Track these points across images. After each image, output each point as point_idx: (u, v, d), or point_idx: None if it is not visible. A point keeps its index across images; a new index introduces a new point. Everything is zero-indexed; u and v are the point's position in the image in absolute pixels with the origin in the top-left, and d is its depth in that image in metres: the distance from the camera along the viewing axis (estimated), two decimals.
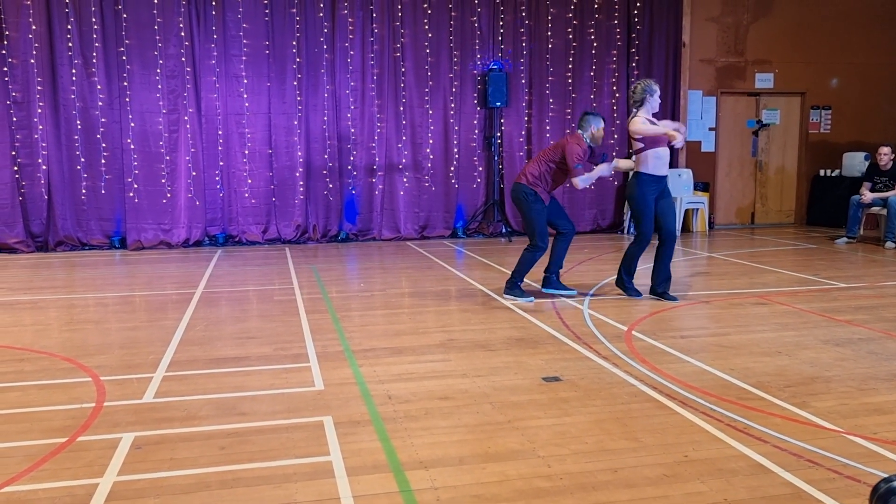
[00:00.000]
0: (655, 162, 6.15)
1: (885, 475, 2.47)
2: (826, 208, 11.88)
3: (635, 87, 6.28)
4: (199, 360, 4.60)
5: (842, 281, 7.19)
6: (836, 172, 11.93)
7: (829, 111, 12.27)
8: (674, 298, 6.26)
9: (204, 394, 3.95)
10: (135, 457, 3.12)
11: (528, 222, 6.43)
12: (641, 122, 6.10)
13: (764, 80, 12.01)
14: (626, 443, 3.29)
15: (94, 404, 3.75)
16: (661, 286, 6.32)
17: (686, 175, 11.43)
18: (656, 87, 6.25)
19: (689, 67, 11.63)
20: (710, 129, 11.91)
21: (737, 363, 4.47)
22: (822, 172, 12.13)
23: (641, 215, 6.22)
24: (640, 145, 6.17)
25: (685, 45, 11.58)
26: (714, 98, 11.85)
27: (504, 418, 3.60)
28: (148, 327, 5.50)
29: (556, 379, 4.20)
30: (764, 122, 12.19)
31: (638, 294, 6.39)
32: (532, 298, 6.32)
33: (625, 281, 6.44)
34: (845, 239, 9.98)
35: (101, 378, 4.19)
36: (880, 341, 4.94)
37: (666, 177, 6.27)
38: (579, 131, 6.41)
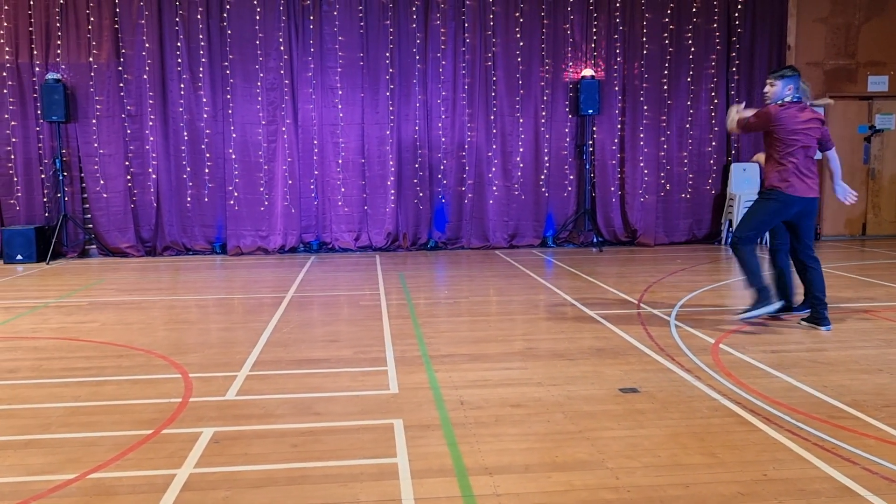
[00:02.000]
0: None
1: None
2: None
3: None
4: (282, 361, 4.75)
5: None
6: None
7: None
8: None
9: (283, 393, 4.07)
10: (212, 450, 3.26)
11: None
12: None
13: (877, 83, 11.30)
14: (702, 458, 3.16)
15: (180, 399, 3.94)
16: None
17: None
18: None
19: None
20: None
21: (831, 380, 4.21)
22: None
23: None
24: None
25: (790, 47, 11.06)
26: (822, 103, 11.21)
27: (575, 428, 3.53)
28: (239, 328, 5.74)
29: (634, 391, 4.09)
30: (877, 128, 11.46)
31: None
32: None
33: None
34: None
35: (190, 375, 4.41)
36: None
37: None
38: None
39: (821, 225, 11.40)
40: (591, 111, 10.51)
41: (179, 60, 10.01)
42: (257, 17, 10.06)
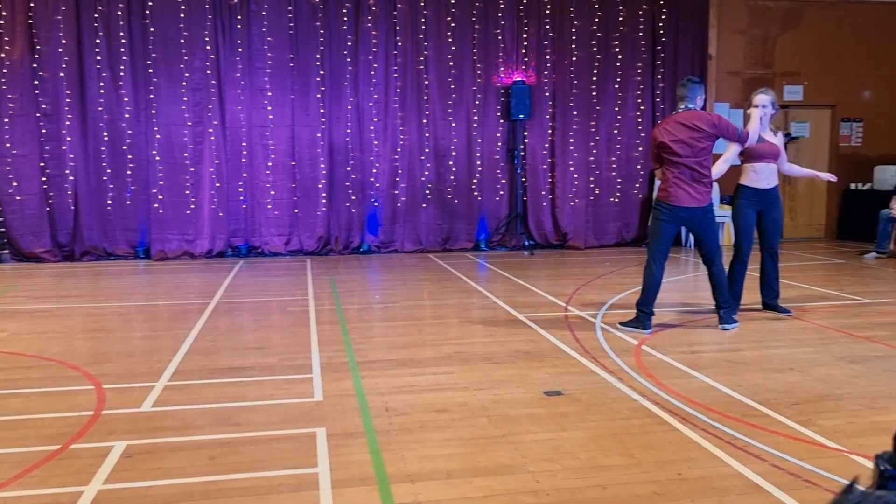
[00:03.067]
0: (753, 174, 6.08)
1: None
2: (857, 223, 11.58)
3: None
4: (204, 370, 4.62)
5: (866, 297, 6.98)
6: (868, 186, 11.65)
7: (861, 124, 11.99)
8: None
9: (202, 403, 3.96)
10: (124, 465, 3.13)
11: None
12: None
13: (793, 93, 11.79)
14: (621, 459, 3.21)
15: (92, 412, 3.79)
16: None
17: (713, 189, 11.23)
18: (755, 97, 6.06)
19: (715, 80, 11.48)
20: None
21: (746, 379, 4.35)
22: (852, 186, 11.85)
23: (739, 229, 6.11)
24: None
25: (711, 57, 11.43)
26: (741, 111, 11.63)
27: (499, 432, 3.54)
28: (160, 336, 5.56)
29: (558, 393, 4.14)
30: (793, 136, 11.94)
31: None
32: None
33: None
34: (874, 254, 9.71)
35: (104, 386, 4.24)
36: None
37: (768, 190, 6.10)
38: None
39: None
40: (522, 116, 10.63)
41: (99, 58, 9.65)
42: (182, 16, 9.79)
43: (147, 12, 9.71)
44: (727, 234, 11.51)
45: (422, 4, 10.47)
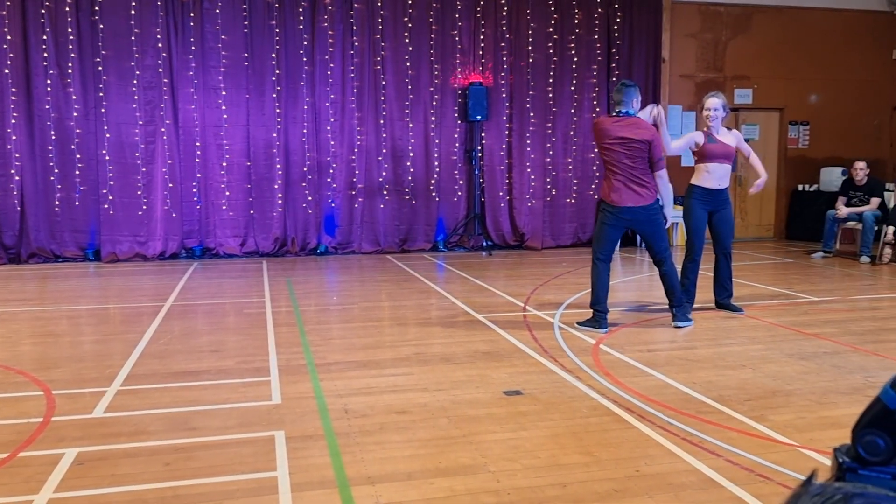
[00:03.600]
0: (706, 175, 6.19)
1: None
2: (805, 223, 11.92)
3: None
4: (157, 374, 4.52)
5: (814, 295, 7.19)
6: (815, 187, 11.99)
7: (808, 127, 12.35)
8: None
9: (157, 408, 3.88)
10: (75, 472, 3.05)
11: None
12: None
13: (743, 96, 12.08)
14: (580, 457, 3.25)
15: (41, 419, 3.68)
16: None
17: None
18: (706, 100, 6.17)
19: (668, 83, 11.69)
20: None
21: (700, 376, 4.44)
22: (800, 187, 12.19)
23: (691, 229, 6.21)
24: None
25: (665, 60, 11.64)
26: (694, 113, 11.89)
27: (459, 433, 3.55)
28: (111, 340, 5.42)
29: (518, 393, 4.16)
30: (744, 138, 12.23)
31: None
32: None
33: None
34: (821, 253, 10.01)
35: (53, 392, 4.12)
36: (845, 355, 4.92)
37: (719, 190, 6.21)
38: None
39: None
40: (479, 117, 10.67)
41: (46, 55, 9.37)
42: (132, 13, 9.57)
43: (96, 9, 9.46)
44: (680, 233, 11.73)
45: (379, 5, 10.43)
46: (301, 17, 10.18)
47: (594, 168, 11.50)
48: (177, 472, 3.07)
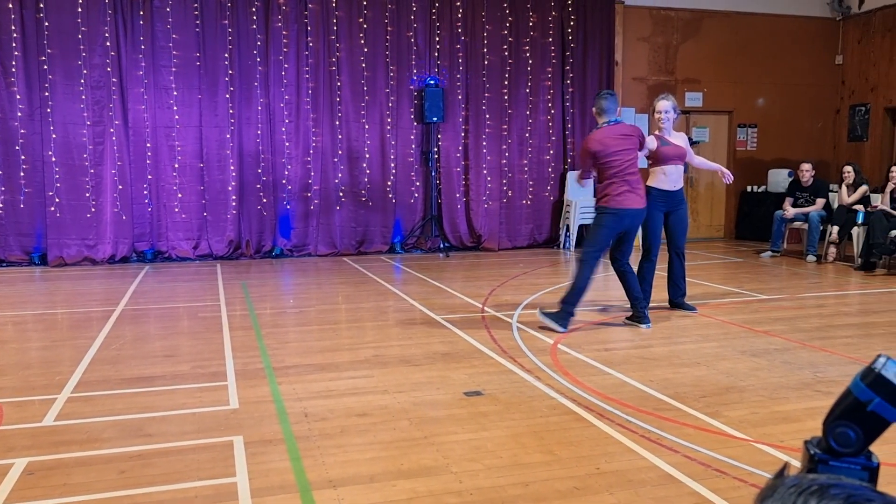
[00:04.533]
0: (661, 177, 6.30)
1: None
2: (753, 223, 12.24)
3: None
4: (111, 380, 4.41)
5: (764, 293, 7.38)
6: (763, 188, 12.32)
7: (755, 129, 12.68)
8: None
9: (110, 415, 3.78)
10: (25, 483, 2.95)
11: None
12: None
13: (694, 99, 12.34)
14: (541, 456, 3.27)
15: None
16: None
17: None
18: (657, 103, 6.35)
19: (621, 85, 11.87)
20: None
21: (657, 374, 4.52)
22: (749, 188, 12.51)
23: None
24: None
25: (618, 63, 11.82)
26: (646, 116, 12.10)
27: (421, 434, 3.54)
28: (60, 346, 5.27)
29: (478, 393, 4.17)
30: (694, 140, 12.49)
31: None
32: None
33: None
34: (769, 253, 10.28)
35: (0, 400, 3.98)
36: (794, 351, 5.07)
37: (675, 191, 6.34)
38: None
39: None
40: (435, 119, 10.67)
41: None
42: (79, 10, 9.32)
43: (41, 6, 9.19)
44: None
45: (333, 5, 10.36)
46: (254, 17, 10.05)
47: (549, 170, 11.61)
48: (132, 480, 3.00)
